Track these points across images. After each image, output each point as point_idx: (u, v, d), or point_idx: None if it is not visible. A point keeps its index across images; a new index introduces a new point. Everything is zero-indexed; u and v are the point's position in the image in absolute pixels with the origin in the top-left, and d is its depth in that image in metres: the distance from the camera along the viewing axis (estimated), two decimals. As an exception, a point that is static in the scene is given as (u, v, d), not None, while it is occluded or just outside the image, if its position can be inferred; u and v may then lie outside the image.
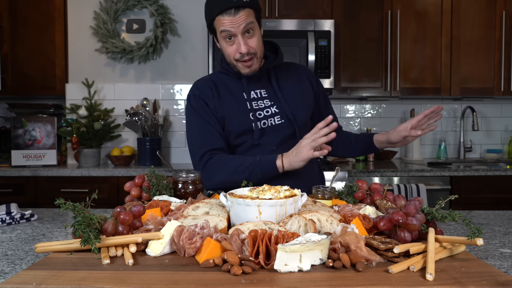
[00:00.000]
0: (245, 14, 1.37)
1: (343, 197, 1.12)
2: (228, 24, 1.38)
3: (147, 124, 3.01)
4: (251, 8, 1.40)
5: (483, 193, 2.68)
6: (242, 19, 1.37)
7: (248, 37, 1.41)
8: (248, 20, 1.38)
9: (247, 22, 1.38)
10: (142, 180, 1.11)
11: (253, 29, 1.41)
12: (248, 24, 1.38)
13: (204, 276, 0.66)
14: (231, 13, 1.37)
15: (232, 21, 1.37)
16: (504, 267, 0.79)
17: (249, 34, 1.41)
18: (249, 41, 1.42)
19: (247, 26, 1.38)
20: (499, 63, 3.01)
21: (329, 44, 2.85)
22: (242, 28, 1.38)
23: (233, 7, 1.36)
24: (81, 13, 3.17)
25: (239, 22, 1.37)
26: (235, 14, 1.36)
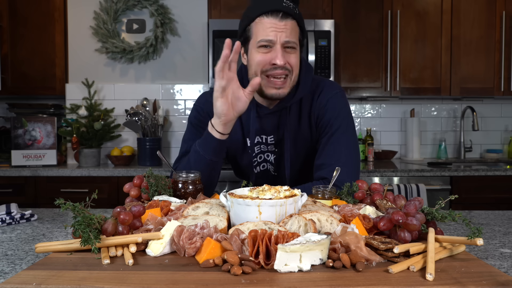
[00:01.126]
0: (290, 26, 1.20)
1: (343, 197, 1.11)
2: (270, 27, 1.19)
3: (147, 124, 3.01)
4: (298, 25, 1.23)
5: (483, 193, 2.68)
6: (288, 29, 1.19)
7: (287, 51, 1.22)
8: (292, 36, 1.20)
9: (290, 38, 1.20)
10: (141, 181, 1.11)
11: (295, 48, 1.23)
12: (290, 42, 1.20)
13: (204, 276, 0.66)
14: (277, 16, 1.19)
15: (276, 25, 1.19)
16: (504, 267, 0.79)
17: (289, 50, 1.22)
18: (287, 56, 1.22)
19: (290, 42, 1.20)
20: (499, 63, 3.01)
21: (329, 44, 2.85)
22: (284, 37, 1.19)
23: (282, 11, 1.19)
24: (81, 13, 3.17)
25: (283, 29, 1.19)
26: (281, 19, 1.19)
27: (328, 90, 1.34)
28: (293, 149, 1.37)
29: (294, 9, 1.22)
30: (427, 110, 3.44)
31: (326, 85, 1.36)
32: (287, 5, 1.20)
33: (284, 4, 1.20)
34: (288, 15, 1.20)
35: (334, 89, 1.35)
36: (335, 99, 1.33)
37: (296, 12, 1.22)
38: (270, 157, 1.41)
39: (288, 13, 1.19)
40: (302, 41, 1.28)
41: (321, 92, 1.34)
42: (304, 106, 1.35)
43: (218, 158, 1.27)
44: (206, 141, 1.23)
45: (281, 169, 1.40)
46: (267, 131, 1.36)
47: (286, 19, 1.19)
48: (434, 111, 3.44)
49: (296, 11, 1.23)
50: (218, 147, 1.23)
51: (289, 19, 1.20)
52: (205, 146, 1.24)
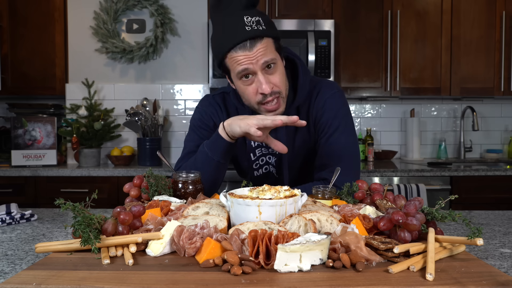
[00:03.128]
0: (263, 46, 1.14)
1: (343, 197, 1.11)
2: (244, 61, 1.15)
3: (147, 124, 3.01)
4: (269, 37, 1.17)
5: (483, 193, 2.68)
6: (261, 53, 1.14)
7: (269, 72, 1.18)
8: (267, 53, 1.15)
9: (266, 59, 1.15)
10: (141, 181, 1.11)
11: (275, 63, 1.18)
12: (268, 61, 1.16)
13: (204, 276, 0.66)
14: (246, 47, 1.13)
15: (248, 57, 1.14)
16: (504, 267, 0.79)
17: (271, 69, 1.18)
18: (272, 78, 1.18)
19: (268, 61, 1.16)
20: (499, 63, 3.01)
21: (329, 44, 2.85)
22: (261, 63, 1.15)
23: (248, 38, 1.13)
24: (81, 13, 3.17)
25: (257, 57, 1.14)
26: (251, 47, 1.13)
27: (326, 91, 1.33)
28: (292, 151, 1.36)
29: (258, 24, 1.15)
30: (427, 110, 3.44)
31: (323, 85, 1.35)
32: (251, 27, 1.13)
33: (248, 28, 1.13)
34: (256, 38, 1.14)
35: (332, 89, 1.34)
36: (332, 99, 1.32)
37: (262, 28, 1.15)
38: (272, 159, 1.41)
39: (255, 36, 1.13)
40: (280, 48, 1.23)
41: (318, 93, 1.33)
42: (302, 107, 1.34)
43: (225, 160, 1.27)
44: (215, 143, 1.23)
45: (282, 171, 1.40)
46: None
47: (256, 43, 1.14)
48: (434, 111, 3.44)
49: (261, 26, 1.15)
50: (227, 149, 1.23)
51: (258, 41, 1.14)
52: (214, 147, 1.23)
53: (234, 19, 1.15)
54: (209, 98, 1.44)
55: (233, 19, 1.15)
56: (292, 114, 1.32)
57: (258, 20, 1.16)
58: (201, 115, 1.42)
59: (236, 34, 1.14)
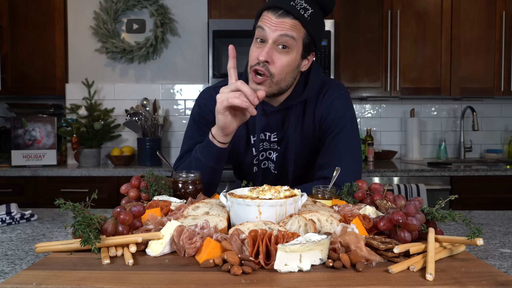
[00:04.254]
0: (289, 24, 1.14)
1: (343, 197, 1.11)
2: (266, 23, 1.16)
3: (147, 124, 3.01)
4: (302, 26, 1.17)
5: (483, 193, 2.69)
6: (283, 27, 1.14)
7: (278, 51, 1.16)
8: (288, 31, 1.14)
9: (285, 33, 1.14)
10: (139, 182, 1.10)
11: (290, 48, 1.16)
12: (284, 36, 1.14)
13: (204, 276, 0.66)
14: (276, 13, 1.15)
15: (271, 21, 1.15)
16: (504, 267, 0.79)
17: (282, 50, 1.16)
18: (276, 57, 1.17)
19: (282, 38, 1.14)
20: (499, 63, 3.01)
21: (329, 44, 2.85)
22: (276, 35, 1.14)
23: (283, 9, 1.14)
24: (81, 13, 3.17)
25: (277, 26, 1.14)
26: (279, 16, 1.14)
27: (334, 91, 1.34)
28: (295, 148, 1.36)
29: (302, 9, 1.16)
30: (427, 110, 3.44)
31: (332, 85, 1.36)
32: (295, 5, 1.15)
33: (292, 3, 1.15)
34: (289, 14, 1.14)
35: (340, 90, 1.35)
36: (340, 99, 1.33)
37: (304, 16, 1.16)
38: (272, 155, 1.40)
39: (290, 12, 1.14)
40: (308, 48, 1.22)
41: (326, 92, 1.33)
42: (308, 105, 1.34)
43: (219, 165, 1.27)
44: (207, 149, 1.22)
45: (282, 168, 1.40)
46: (271, 128, 1.35)
47: (285, 17, 1.14)
48: (434, 111, 3.44)
49: (305, 12, 1.16)
50: (220, 155, 1.23)
51: (289, 18, 1.14)
52: (206, 153, 1.23)
53: None
54: (210, 91, 1.41)
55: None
56: (299, 109, 1.34)
57: (307, 8, 1.17)
58: (200, 109, 1.38)
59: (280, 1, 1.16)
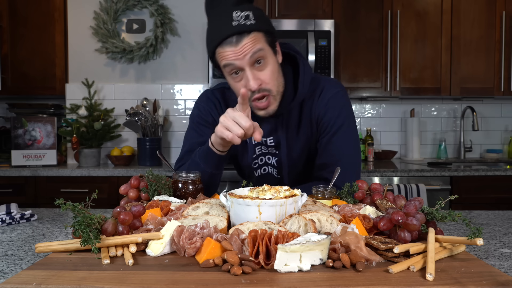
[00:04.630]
0: (250, 41, 1.12)
1: (343, 197, 1.11)
2: (230, 57, 1.13)
3: (147, 124, 3.01)
4: (259, 32, 1.14)
5: (483, 193, 2.69)
6: (248, 48, 1.11)
7: (258, 68, 1.15)
8: (255, 48, 1.12)
9: (254, 51, 1.12)
10: (138, 182, 1.10)
11: (265, 58, 1.15)
12: (256, 53, 1.12)
13: (204, 276, 0.66)
14: (232, 42, 1.11)
15: (234, 52, 1.12)
16: (504, 267, 0.79)
17: (260, 65, 1.15)
18: (260, 74, 1.16)
19: (255, 55, 1.12)
20: (499, 63, 3.01)
21: (329, 44, 2.85)
22: (248, 58, 1.12)
23: (235, 33, 1.11)
24: (81, 13, 3.17)
25: (244, 52, 1.11)
26: (237, 43, 1.11)
27: (329, 89, 1.31)
28: (294, 151, 1.35)
29: (247, 19, 1.12)
30: (427, 110, 3.44)
31: (327, 83, 1.33)
32: (238, 22, 1.11)
33: (235, 23, 1.11)
34: (243, 33, 1.11)
35: (336, 87, 1.33)
36: (336, 98, 1.31)
37: (250, 23, 1.12)
38: (272, 160, 1.39)
39: (243, 31, 1.11)
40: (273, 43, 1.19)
41: (322, 91, 1.31)
42: (305, 106, 1.32)
43: (219, 171, 1.27)
44: (207, 156, 1.23)
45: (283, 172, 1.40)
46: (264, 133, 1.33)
47: (242, 38, 1.11)
48: (434, 111, 3.44)
49: (250, 20, 1.12)
50: (218, 161, 1.24)
51: (245, 36, 1.11)
52: (206, 160, 1.23)
53: (223, 14, 1.14)
54: (207, 93, 1.42)
55: (223, 15, 1.14)
56: (296, 111, 1.32)
57: (248, 14, 1.13)
58: (199, 111, 1.40)
59: (223, 30, 1.12)
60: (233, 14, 1.12)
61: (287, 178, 1.39)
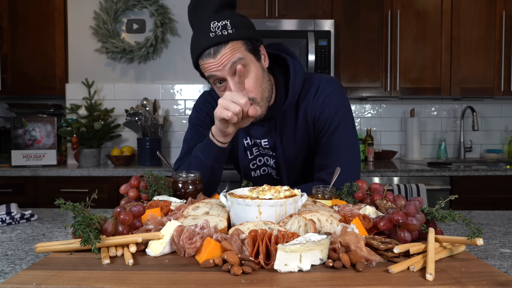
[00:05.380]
0: (229, 51, 1.11)
1: (343, 197, 1.11)
2: (211, 69, 1.14)
3: (147, 124, 3.01)
4: (237, 40, 1.13)
5: (483, 193, 2.68)
6: (226, 58, 1.11)
7: None
8: (234, 58, 1.12)
9: (233, 60, 1.12)
10: (138, 182, 1.10)
11: (246, 66, 1.14)
12: (235, 62, 1.12)
13: (204, 276, 0.66)
14: (210, 55, 1.12)
15: (214, 64, 1.12)
16: (504, 267, 0.79)
17: None
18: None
19: (234, 65, 1.12)
20: (499, 63, 3.01)
21: (329, 44, 2.85)
22: (228, 69, 1.12)
23: (212, 45, 1.11)
24: (81, 13, 3.17)
25: (223, 63, 1.12)
26: (215, 54, 1.11)
27: (325, 88, 1.29)
28: (291, 152, 1.34)
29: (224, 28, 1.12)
30: (427, 110, 3.44)
31: (322, 82, 1.31)
32: (215, 34, 1.11)
33: (212, 34, 1.11)
34: (220, 44, 1.11)
35: (332, 85, 1.30)
36: (332, 96, 1.29)
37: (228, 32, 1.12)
38: (270, 161, 1.39)
39: (220, 42, 1.11)
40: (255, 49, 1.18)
41: (318, 90, 1.29)
42: (300, 106, 1.31)
43: (219, 164, 1.27)
44: (207, 148, 1.23)
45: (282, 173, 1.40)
46: (258, 135, 1.34)
47: (219, 50, 1.11)
48: (434, 111, 3.44)
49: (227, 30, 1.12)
50: (219, 154, 1.23)
51: (222, 47, 1.11)
52: (206, 152, 1.23)
53: (202, 24, 1.14)
54: (205, 95, 1.43)
55: (202, 25, 1.14)
56: (291, 112, 1.31)
57: (225, 24, 1.13)
58: (197, 112, 1.41)
59: (201, 42, 1.13)
60: (211, 25, 1.12)
61: (286, 179, 1.38)
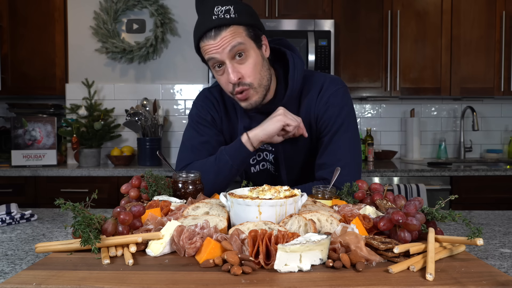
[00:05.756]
0: (230, 34, 1.13)
1: (343, 197, 1.11)
2: (210, 50, 1.15)
3: (147, 124, 3.01)
4: (239, 25, 1.15)
5: (483, 193, 2.69)
6: (226, 41, 1.13)
7: (239, 62, 1.17)
8: (234, 41, 1.13)
9: (233, 44, 1.13)
10: (139, 181, 1.10)
11: (245, 51, 1.16)
12: (235, 46, 1.14)
13: (204, 276, 0.66)
14: (211, 36, 1.14)
15: (213, 45, 1.14)
16: (504, 267, 0.79)
17: (241, 58, 1.17)
18: (241, 68, 1.17)
19: (234, 49, 1.14)
20: (499, 63, 3.01)
21: (329, 44, 2.85)
22: (227, 52, 1.14)
23: (213, 27, 1.13)
24: (81, 13, 3.17)
25: (222, 45, 1.13)
26: (215, 36, 1.13)
27: (329, 87, 1.30)
28: (291, 148, 1.35)
29: (227, 13, 1.15)
30: (427, 110, 3.44)
31: (327, 81, 1.32)
32: (217, 16, 1.14)
33: (214, 17, 1.14)
34: (222, 26, 1.13)
35: (337, 85, 1.31)
36: (336, 96, 1.29)
37: (232, 16, 1.14)
38: (269, 156, 1.39)
39: (221, 24, 1.13)
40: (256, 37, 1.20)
41: (321, 89, 1.29)
42: (302, 103, 1.31)
43: (243, 168, 1.31)
44: (238, 151, 1.25)
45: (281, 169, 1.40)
46: None
47: (220, 32, 1.13)
48: (434, 111, 3.44)
49: (230, 14, 1.15)
50: (248, 158, 1.28)
51: (224, 29, 1.14)
52: (236, 155, 1.26)
53: (206, 10, 1.16)
54: (205, 92, 1.43)
55: (205, 11, 1.16)
56: (293, 108, 1.31)
57: (228, 9, 1.15)
58: (198, 110, 1.40)
59: (203, 24, 1.15)
60: (215, 9, 1.15)
61: (286, 176, 1.38)
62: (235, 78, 1.16)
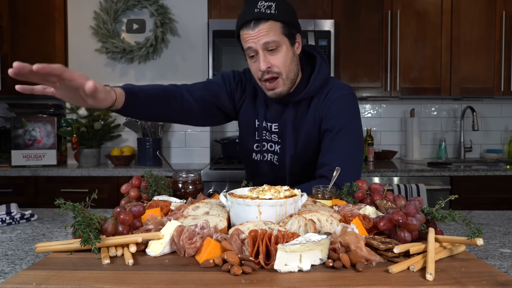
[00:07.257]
0: (266, 28, 1.24)
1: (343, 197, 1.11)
2: (247, 39, 1.27)
3: (147, 124, 3.01)
4: (276, 21, 1.25)
5: (483, 193, 2.68)
6: (262, 34, 1.24)
7: (271, 53, 1.27)
8: (269, 38, 1.24)
9: (267, 39, 1.24)
10: (139, 181, 1.10)
11: (278, 46, 1.26)
12: (269, 42, 1.25)
13: (204, 276, 0.66)
14: (250, 27, 1.25)
15: (251, 35, 1.26)
16: (504, 267, 0.79)
17: (273, 51, 1.27)
18: (272, 58, 1.28)
19: (268, 44, 1.25)
20: (499, 63, 3.01)
21: (329, 44, 2.85)
22: (262, 43, 1.25)
23: (253, 19, 1.24)
24: (81, 13, 3.17)
25: (258, 36, 1.25)
26: (254, 27, 1.24)
27: (336, 91, 1.37)
28: (296, 143, 1.39)
29: (268, 8, 1.24)
30: (427, 110, 3.44)
31: (335, 85, 1.39)
32: (259, 10, 1.24)
33: (257, 10, 1.24)
34: (261, 20, 1.24)
35: (343, 90, 1.38)
36: (341, 99, 1.35)
37: (272, 12, 1.24)
38: (274, 147, 1.44)
39: (261, 18, 1.24)
40: (291, 35, 1.30)
41: (329, 92, 1.37)
42: (313, 104, 1.38)
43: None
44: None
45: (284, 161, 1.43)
46: (271, 118, 1.42)
47: (259, 24, 1.24)
48: (434, 111, 3.44)
49: (271, 10, 1.24)
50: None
51: (262, 23, 1.24)
52: None
53: (251, 3, 1.27)
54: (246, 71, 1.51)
55: (251, 3, 1.27)
56: (304, 106, 1.39)
57: (270, 5, 1.25)
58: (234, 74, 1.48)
59: (245, 15, 1.26)
60: (258, 3, 1.26)
61: (289, 168, 1.41)
62: (264, 66, 1.26)
